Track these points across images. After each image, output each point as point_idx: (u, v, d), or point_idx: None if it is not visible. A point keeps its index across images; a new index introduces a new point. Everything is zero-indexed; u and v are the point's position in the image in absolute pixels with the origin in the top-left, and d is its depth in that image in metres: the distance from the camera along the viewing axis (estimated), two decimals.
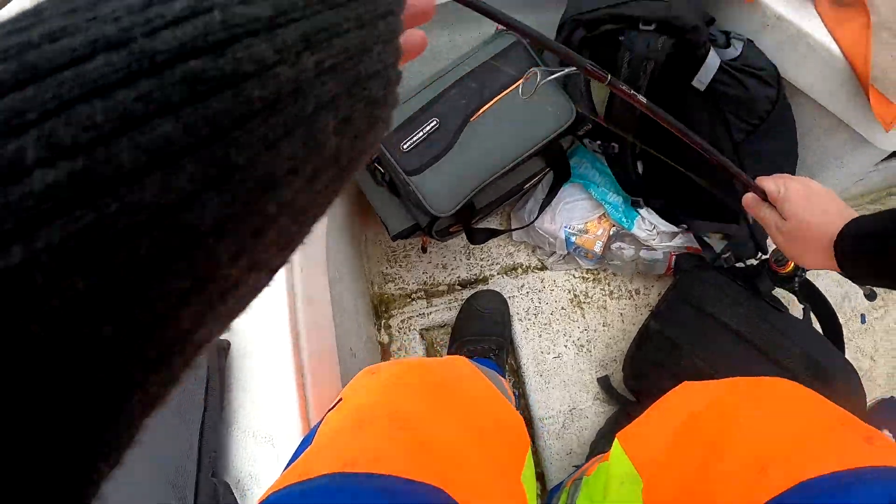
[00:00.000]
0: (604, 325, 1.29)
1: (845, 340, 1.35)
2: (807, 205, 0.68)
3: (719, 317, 1.13)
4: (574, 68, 0.60)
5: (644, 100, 0.53)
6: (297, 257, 0.77)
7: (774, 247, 0.85)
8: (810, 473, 0.48)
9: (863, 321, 1.43)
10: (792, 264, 0.98)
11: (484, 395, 0.73)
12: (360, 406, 0.59)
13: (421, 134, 0.99)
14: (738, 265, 1.21)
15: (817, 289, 1.18)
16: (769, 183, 0.73)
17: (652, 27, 0.96)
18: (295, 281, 0.78)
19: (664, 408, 0.77)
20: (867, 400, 1.30)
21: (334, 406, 0.61)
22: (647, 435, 0.74)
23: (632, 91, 0.60)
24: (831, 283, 1.40)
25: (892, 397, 1.33)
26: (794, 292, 1.06)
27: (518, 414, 0.77)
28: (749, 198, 0.77)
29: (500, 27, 1.06)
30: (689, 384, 0.78)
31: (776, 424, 0.58)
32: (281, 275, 0.75)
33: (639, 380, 1.20)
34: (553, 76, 0.70)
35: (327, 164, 0.21)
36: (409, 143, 0.99)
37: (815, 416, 0.59)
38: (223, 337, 0.71)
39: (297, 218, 0.20)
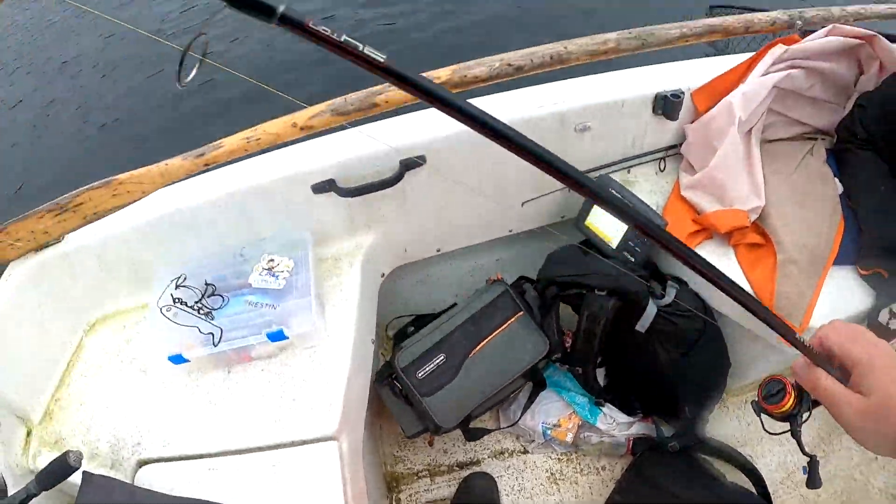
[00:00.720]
0: (576, 498, 1.57)
1: (790, 490, 1.61)
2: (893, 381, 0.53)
3: (670, 489, 1.43)
4: None
5: None
6: (348, 474, 1.04)
7: (765, 377, 0.74)
8: None
9: (805, 472, 1.68)
10: (790, 402, 0.76)
11: None
12: None
13: (432, 366, 1.31)
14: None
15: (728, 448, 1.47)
16: (847, 345, 0.57)
17: (604, 293, 1.30)
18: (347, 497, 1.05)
19: None
20: None
21: None
22: None
23: None
24: (773, 443, 1.67)
25: None
26: (796, 437, 0.81)
27: None
28: (800, 366, 0.61)
29: (493, 279, 1.41)
30: None
31: None
32: (338, 493, 1.02)
33: None
34: None
35: None
36: (423, 373, 1.31)
37: None
38: None
39: None
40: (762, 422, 0.79)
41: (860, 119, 1.43)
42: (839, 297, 1.30)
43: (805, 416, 0.75)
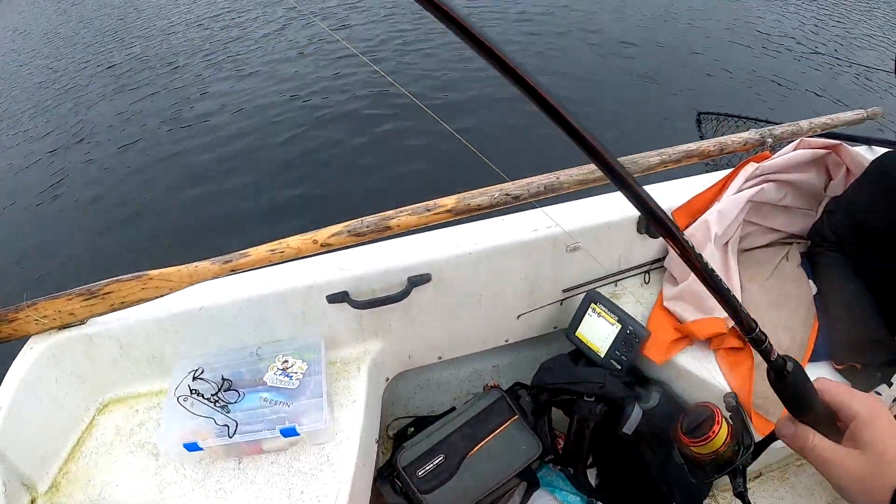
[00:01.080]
0: None
1: None
2: (892, 436, 0.52)
3: None
4: None
5: None
6: None
7: (687, 411, 0.66)
8: None
9: None
10: (720, 435, 0.67)
11: None
12: None
13: (431, 465, 1.40)
14: None
15: None
16: (846, 398, 0.56)
17: (593, 399, 1.41)
18: None
19: None
20: None
21: None
22: None
23: None
24: None
25: None
26: (740, 495, 0.71)
27: None
28: (784, 424, 0.60)
29: (490, 385, 1.52)
30: None
31: None
32: None
33: None
34: None
35: None
36: (423, 471, 1.40)
37: None
38: None
39: None
40: (687, 470, 0.61)
41: (829, 224, 1.56)
42: None
43: (745, 457, 0.61)
